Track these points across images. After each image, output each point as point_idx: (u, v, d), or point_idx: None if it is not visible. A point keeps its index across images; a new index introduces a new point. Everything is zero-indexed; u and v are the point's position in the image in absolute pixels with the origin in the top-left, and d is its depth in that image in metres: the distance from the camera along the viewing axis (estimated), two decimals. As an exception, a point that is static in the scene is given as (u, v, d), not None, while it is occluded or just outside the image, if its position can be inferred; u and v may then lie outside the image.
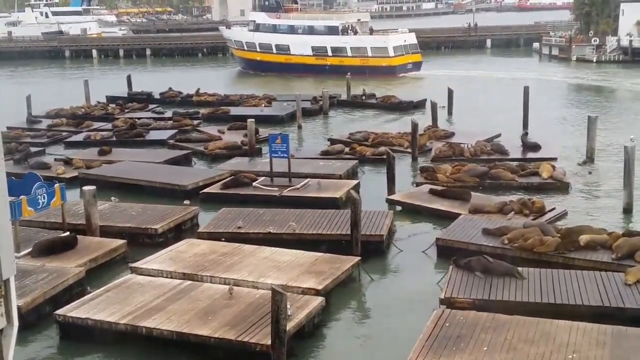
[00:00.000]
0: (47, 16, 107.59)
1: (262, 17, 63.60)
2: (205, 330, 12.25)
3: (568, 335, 11.65)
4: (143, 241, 18.19)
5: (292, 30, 61.48)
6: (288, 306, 11.41)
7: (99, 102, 42.99)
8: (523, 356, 11.09)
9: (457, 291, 13.56)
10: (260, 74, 61.85)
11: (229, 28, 73.26)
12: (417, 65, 58.06)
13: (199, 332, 12.20)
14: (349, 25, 60.20)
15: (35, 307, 13.74)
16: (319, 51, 59.65)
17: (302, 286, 14.16)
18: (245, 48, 64.37)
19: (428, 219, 19.65)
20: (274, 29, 62.31)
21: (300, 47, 60.30)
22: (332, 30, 59.88)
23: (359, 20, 62.21)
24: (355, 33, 59.97)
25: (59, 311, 13.33)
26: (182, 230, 18.97)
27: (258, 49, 62.92)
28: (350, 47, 58.51)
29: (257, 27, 63.37)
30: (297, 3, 66.15)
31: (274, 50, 61.92)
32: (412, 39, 59.35)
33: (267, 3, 64.88)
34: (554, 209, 19.35)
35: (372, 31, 61.50)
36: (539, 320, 12.17)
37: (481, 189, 21.92)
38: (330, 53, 59.27)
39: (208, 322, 12.54)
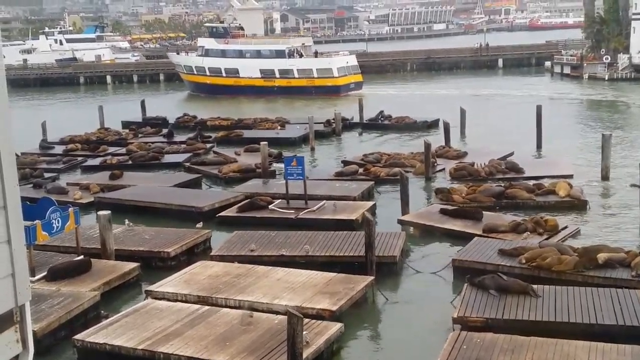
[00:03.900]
0: (61, 43, 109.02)
1: (210, 43, 67.70)
2: (223, 356, 12.12)
3: (587, 356, 11.47)
4: (156, 264, 18.21)
5: (240, 54, 65.67)
6: (305, 332, 11.30)
7: (102, 127, 43.16)
8: (542, 377, 10.92)
9: (471, 310, 13.43)
10: (210, 96, 64.93)
11: (179, 54, 76.52)
12: (358, 85, 62.93)
13: (217, 358, 12.07)
14: (294, 49, 64.72)
15: (51, 332, 13.73)
16: (266, 73, 63.96)
17: (316, 307, 14.07)
18: (195, 72, 68.24)
19: (441, 239, 19.52)
20: (223, 54, 66.22)
21: (249, 70, 64.77)
22: (279, 54, 64.25)
23: (303, 44, 67.34)
24: (301, 56, 64.45)
25: (78, 336, 13.30)
26: (194, 254, 18.96)
27: (208, 73, 66.81)
28: (297, 69, 63.31)
29: (206, 53, 67.51)
30: (243, 29, 70.08)
31: (224, 74, 65.88)
32: (353, 60, 64.58)
33: (215, 30, 69.66)
34: (566, 227, 19.20)
35: (316, 54, 65.92)
36: (557, 341, 11.99)
37: (498, 209, 21.76)
38: (278, 75, 63.74)
39: (226, 347, 12.43)
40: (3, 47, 5.30)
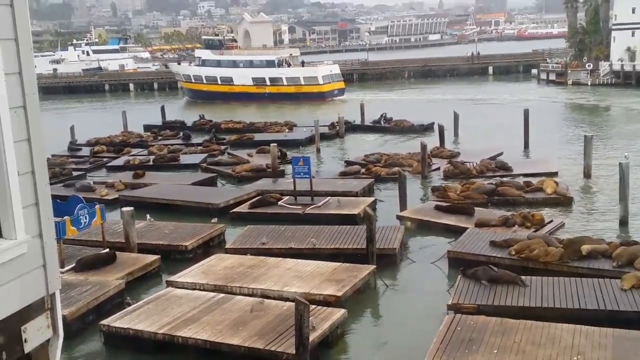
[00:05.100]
0: (88, 54, 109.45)
1: (207, 54, 69.43)
2: (237, 339, 12.15)
3: (572, 338, 11.45)
4: (175, 257, 18.23)
5: (234, 64, 67.07)
6: (311, 318, 11.28)
7: (125, 130, 43.26)
8: (532, 358, 10.89)
9: (464, 298, 13.43)
10: (206, 102, 65.99)
11: (180, 64, 77.82)
12: (341, 91, 64.80)
13: (231, 342, 12.09)
14: (283, 59, 66.25)
15: (79, 316, 13.81)
16: (258, 81, 65.45)
17: (323, 293, 14.16)
18: (193, 80, 69.67)
19: (436, 233, 19.45)
20: (218, 64, 67.62)
21: (242, 78, 66.24)
22: (269, 64, 65.90)
23: (291, 55, 69.08)
24: (289, 65, 65.93)
25: (104, 321, 13.34)
26: (210, 247, 18.97)
27: (204, 81, 68.18)
28: (286, 77, 64.82)
29: (203, 63, 68.98)
30: (236, 41, 72.31)
31: (219, 82, 67.15)
32: (336, 69, 66.44)
33: (210, 42, 71.89)
34: (551, 221, 19.13)
35: (303, 64, 67.77)
36: (544, 324, 11.98)
37: (490, 205, 21.67)
38: (268, 82, 65.16)
39: (239, 332, 12.44)
40: (34, 58, 5.31)
